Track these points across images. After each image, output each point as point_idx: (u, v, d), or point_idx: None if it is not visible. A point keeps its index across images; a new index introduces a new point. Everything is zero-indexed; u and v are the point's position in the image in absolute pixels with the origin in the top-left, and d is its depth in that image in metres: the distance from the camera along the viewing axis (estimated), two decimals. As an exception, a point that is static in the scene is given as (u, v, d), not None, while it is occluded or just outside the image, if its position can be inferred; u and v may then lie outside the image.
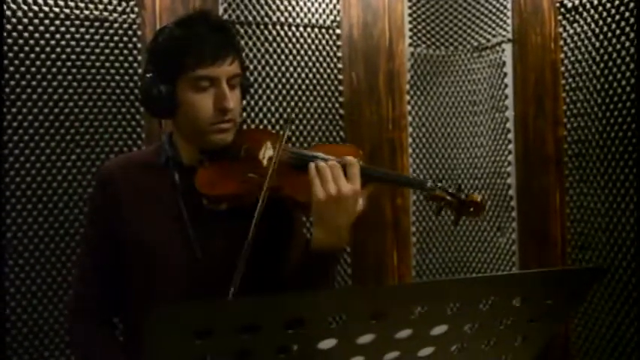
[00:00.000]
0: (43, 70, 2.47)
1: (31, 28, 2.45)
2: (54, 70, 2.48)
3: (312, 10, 2.89)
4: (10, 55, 2.42)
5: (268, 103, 2.79)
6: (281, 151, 1.50)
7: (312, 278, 1.45)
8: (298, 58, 2.87)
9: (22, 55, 2.44)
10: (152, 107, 1.56)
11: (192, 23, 1.55)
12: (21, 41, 2.44)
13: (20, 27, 2.44)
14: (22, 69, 2.44)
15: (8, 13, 2.42)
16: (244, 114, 2.74)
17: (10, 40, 2.42)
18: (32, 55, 2.45)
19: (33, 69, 2.45)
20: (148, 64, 1.59)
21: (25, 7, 2.44)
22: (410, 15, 3.08)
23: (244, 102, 2.70)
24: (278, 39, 2.83)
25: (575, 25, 2.47)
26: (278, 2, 2.83)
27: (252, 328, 0.78)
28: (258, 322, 0.77)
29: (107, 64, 2.55)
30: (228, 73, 1.50)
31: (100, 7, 2.55)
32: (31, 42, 2.45)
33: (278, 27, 2.83)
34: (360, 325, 0.86)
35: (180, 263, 1.50)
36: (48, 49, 2.47)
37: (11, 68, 2.42)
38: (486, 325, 0.98)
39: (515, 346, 1.05)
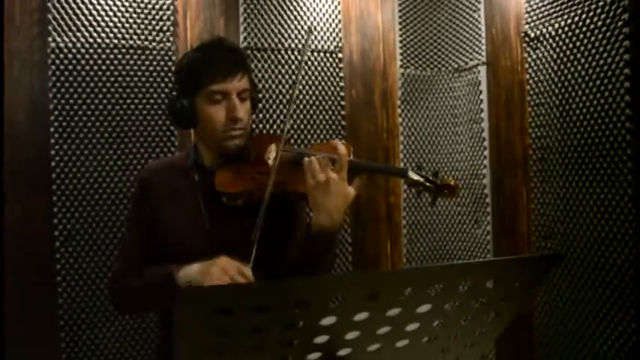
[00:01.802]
0: (96, 90, 2.48)
1: (87, 55, 2.47)
2: (104, 89, 2.49)
3: (319, 37, 2.89)
4: (71, 78, 2.44)
5: (282, 116, 2.78)
6: (283, 152, 1.50)
7: (314, 256, 1.43)
8: (306, 78, 2.86)
9: (79, 78, 2.45)
10: (176, 119, 1.56)
11: (207, 48, 1.55)
12: (79, 67, 2.46)
13: (79, 55, 2.46)
14: (80, 89, 2.45)
15: (69, 44, 2.43)
16: (261, 125, 2.74)
17: (70, 66, 2.44)
18: (87, 78, 2.47)
19: (88, 89, 2.47)
20: (173, 83, 1.60)
21: (83, 40, 2.47)
22: (400, 42, 3.07)
23: (261, 115, 2.73)
24: (289, 62, 2.82)
25: (538, 51, 2.45)
26: (289, 31, 2.82)
27: (265, 307, 0.77)
28: (270, 303, 0.76)
29: (147, 84, 2.55)
30: (237, 88, 1.50)
31: (142, 37, 2.56)
32: (87, 67, 2.47)
33: (289, 52, 2.82)
34: (356, 304, 0.85)
35: (198, 249, 1.49)
36: (100, 72, 2.49)
37: (71, 89, 2.44)
38: (464, 304, 0.97)
39: (489, 321, 1.04)
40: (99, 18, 2.48)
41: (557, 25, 2.35)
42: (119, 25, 2.51)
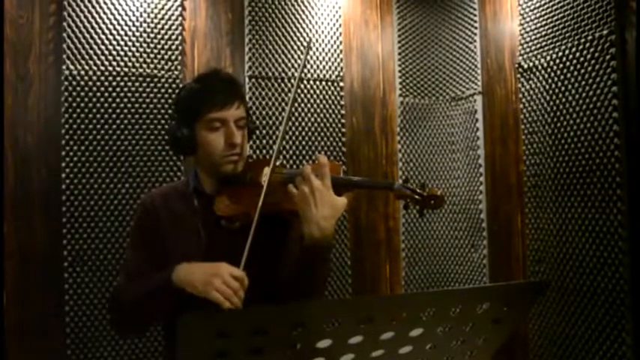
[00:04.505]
0: (106, 115, 2.52)
1: (98, 83, 2.51)
2: (114, 115, 2.53)
3: (321, 67, 2.93)
4: (82, 104, 2.48)
5: (283, 142, 2.81)
6: (276, 174, 1.51)
7: (307, 269, 1.43)
8: (309, 105, 2.90)
9: (91, 104, 2.49)
10: (177, 146, 1.58)
11: (205, 79, 1.59)
12: (90, 93, 2.50)
13: (91, 82, 2.50)
14: (91, 115, 2.49)
15: (82, 72, 2.48)
16: (264, 151, 2.77)
17: (82, 93, 2.48)
18: (98, 104, 2.51)
19: (98, 115, 2.50)
20: (173, 113, 1.62)
21: (95, 67, 2.51)
22: (400, 71, 3.12)
23: (264, 141, 2.76)
24: (292, 90, 2.85)
25: (531, 82, 2.50)
26: (292, 60, 2.87)
27: (264, 330, 0.79)
28: (268, 326, 0.78)
29: (155, 111, 2.59)
30: (235, 116, 1.53)
31: (152, 65, 2.60)
32: (98, 94, 2.51)
33: (292, 80, 2.85)
34: (351, 328, 0.85)
35: None
36: (110, 99, 2.53)
37: (82, 115, 2.48)
38: (455, 328, 0.98)
39: (479, 344, 1.04)
40: (110, 47, 2.54)
41: (549, 58, 2.39)
42: (129, 54, 2.57)
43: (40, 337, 2.41)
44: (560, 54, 2.33)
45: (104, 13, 2.53)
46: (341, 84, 2.97)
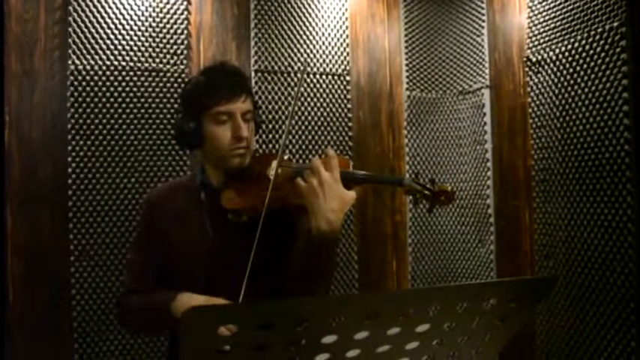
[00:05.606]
0: (112, 110, 2.52)
1: (104, 77, 2.52)
2: (120, 110, 2.53)
3: (327, 60, 2.92)
4: (88, 99, 2.49)
5: (290, 137, 2.81)
6: (284, 168, 1.50)
7: (314, 263, 1.41)
8: (315, 99, 2.89)
9: (97, 98, 2.50)
10: (183, 140, 1.57)
11: (212, 72, 1.57)
12: (96, 88, 2.50)
13: (97, 77, 2.50)
14: (97, 109, 2.50)
15: (87, 67, 2.49)
16: (271, 145, 2.77)
17: (88, 88, 2.49)
18: (104, 99, 2.51)
19: (104, 110, 2.51)
20: (180, 107, 1.61)
21: (101, 62, 2.52)
22: (407, 65, 3.10)
23: (270, 135, 2.76)
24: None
25: (539, 75, 2.48)
26: (298, 55, 2.86)
27: (268, 325, 0.79)
28: (273, 321, 0.78)
29: (161, 105, 2.59)
30: (241, 109, 1.52)
31: (157, 60, 2.60)
32: (104, 88, 2.52)
33: (299, 74, 2.84)
34: (356, 323, 0.85)
35: (203, 265, 1.50)
36: (116, 93, 2.53)
37: (88, 109, 2.49)
38: (462, 324, 0.97)
39: (486, 340, 1.04)
40: (116, 42, 2.54)
41: (557, 50, 2.37)
42: (135, 48, 2.57)
43: (47, 332, 2.42)
44: (569, 47, 2.30)
45: (110, 7, 2.54)
46: (347, 78, 2.96)
